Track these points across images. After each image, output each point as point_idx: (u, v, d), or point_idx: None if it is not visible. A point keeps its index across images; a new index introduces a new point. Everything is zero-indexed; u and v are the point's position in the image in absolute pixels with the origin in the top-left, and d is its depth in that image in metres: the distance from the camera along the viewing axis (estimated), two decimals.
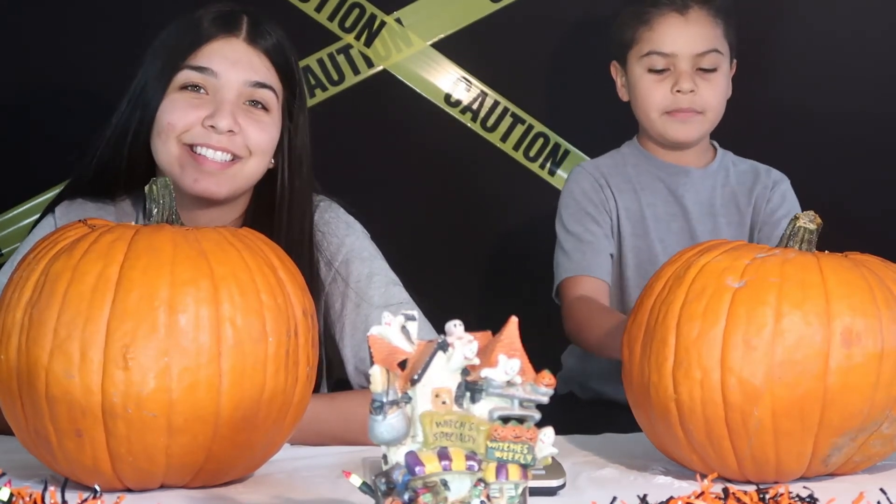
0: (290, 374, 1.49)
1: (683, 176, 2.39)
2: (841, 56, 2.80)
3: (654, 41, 2.34)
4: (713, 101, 2.34)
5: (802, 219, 1.64)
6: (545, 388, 1.18)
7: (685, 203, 2.38)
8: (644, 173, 2.40)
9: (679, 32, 2.34)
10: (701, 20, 2.35)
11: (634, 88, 2.37)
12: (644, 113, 2.37)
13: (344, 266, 1.94)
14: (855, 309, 1.54)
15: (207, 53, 1.88)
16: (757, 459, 1.55)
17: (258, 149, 1.88)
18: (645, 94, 2.35)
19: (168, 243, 1.47)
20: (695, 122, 2.35)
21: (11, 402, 1.47)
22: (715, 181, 2.40)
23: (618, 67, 2.43)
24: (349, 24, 2.76)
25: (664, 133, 2.36)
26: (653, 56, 2.34)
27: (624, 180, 2.39)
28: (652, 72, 2.34)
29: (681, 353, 1.55)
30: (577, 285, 2.30)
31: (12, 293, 1.48)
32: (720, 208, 2.39)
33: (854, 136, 2.79)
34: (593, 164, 2.45)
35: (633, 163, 2.42)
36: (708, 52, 2.34)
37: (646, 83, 2.35)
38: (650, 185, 2.40)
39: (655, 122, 2.35)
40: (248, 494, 1.50)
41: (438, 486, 1.17)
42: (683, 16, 2.34)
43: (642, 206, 2.38)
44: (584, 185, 2.39)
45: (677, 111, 2.33)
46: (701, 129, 2.36)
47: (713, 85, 2.34)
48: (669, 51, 2.33)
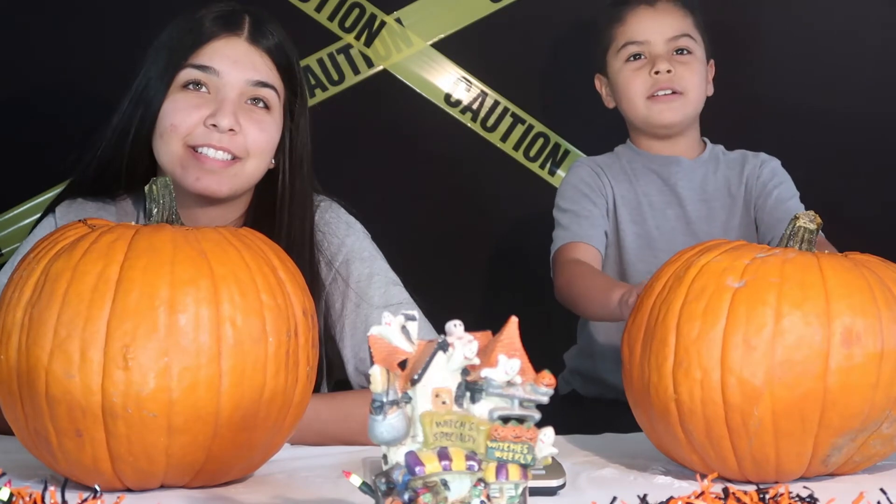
0: (290, 374, 1.49)
1: (675, 165, 2.44)
2: (840, 55, 2.80)
3: (628, 33, 2.43)
4: (692, 81, 2.40)
5: (802, 219, 1.64)
6: (545, 388, 1.18)
7: (678, 190, 2.43)
8: (638, 167, 2.46)
9: (650, 21, 2.43)
10: (669, 9, 2.45)
11: (616, 84, 2.45)
12: (628, 104, 2.43)
13: (344, 266, 1.94)
14: (855, 309, 1.54)
15: (209, 52, 1.88)
16: (757, 459, 1.55)
17: (257, 149, 1.88)
18: (626, 83, 2.42)
19: (168, 243, 1.47)
20: (677, 103, 2.40)
21: (11, 402, 1.47)
22: (706, 169, 2.45)
23: (601, 78, 2.51)
24: (349, 24, 2.76)
25: (649, 118, 2.42)
26: (628, 46, 2.42)
27: (619, 171, 2.46)
28: (630, 61, 2.42)
29: (681, 353, 1.55)
30: (572, 250, 2.35)
31: (12, 293, 1.48)
32: (713, 192, 2.44)
33: (854, 135, 2.79)
34: (590, 159, 2.51)
35: (628, 159, 2.48)
36: (680, 36, 2.42)
37: (626, 73, 2.42)
38: (644, 175, 2.45)
39: (640, 109, 2.42)
40: (248, 494, 1.50)
41: (438, 486, 1.17)
42: (653, 7, 2.44)
43: (638, 194, 2.43)
44: (581, 173, 2.45)
45: (659, 94, 2.39)
46: (684, 110, 2.41)
47: (690, 68, 2.41)
48: (643, 38, 2.41)
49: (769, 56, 2.80)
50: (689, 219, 2.42)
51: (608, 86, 2.49)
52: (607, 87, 2.49)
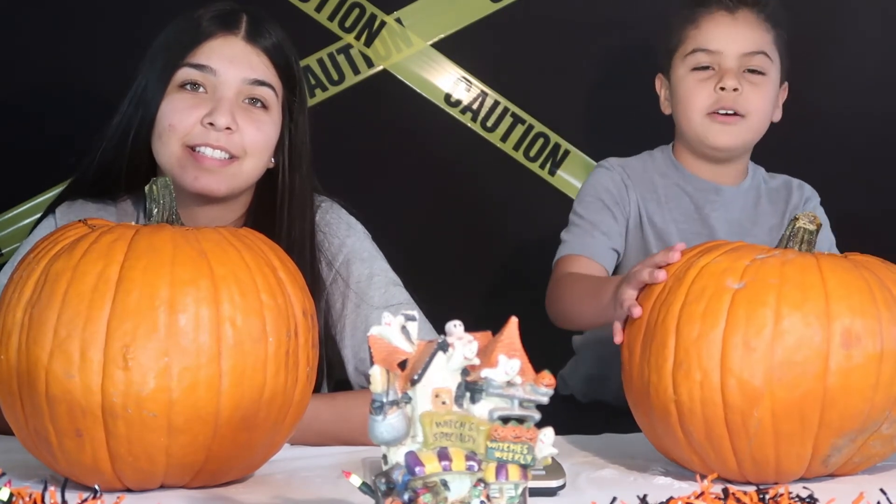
0: (290, 375, 1.49)
1: (713, 194, 2.26)
2: (841, 56, 2.79)
3: (700, 39, 2.22)
4: (758, 104, 2.20)
5: (802, 220, 1.64)
6: (545, 389, 1.18)
7: (711, 223, 2.25)
8: (671, 185, 2.28)
9: (726, 30, 2.21)
10: (750, 21, 2.23)
11: (677, 91, 2.24)
12: (685, 115, 2.22)
13: (345, 266, 1.94)
14: (855, 310, 1.54)
15: (206, 51, 1.88)
16: (757, 460, 1.55)
17: (255, 148, 1.88)
18: (687, 94, 2.21)
19: (168, 243, 1.47)
20: (737, 126, 2.20)
21: (11, 402, 1.47)
22: (746, 200, 2.28)
23: (662, 79, 2.30)
24: (349, 24, 2.76)
25: (705, 137, 2.21)
26: (698, 53, 2.21)
27: (649, 189, 2.27)
28: (696, 70, 2.21)
29: (680, 354, 1.55)
30: (572, 263, 2.18)
31: (12, 293, 1.48)
32: (749, 228, 2.26)
33: (854, 136, 2.79)
34: (620, 163, 2.30)
35: (662, 171, 2.29)
36: (756, 54, 2.21)
37: (689, 83, 2.21)
38: (675, 198, 2.27)
39: (697, 125, 2.21)
40: (248, 494, 1.50)
41: (438, 486, 1.17)
42: (732, 14, 2.22)
43: (666, 220, 2.25)
44: (606, 181, 2.26)
45: (720, 113, 2.19)
46: (743, 135, 2.22)
47: (759, 89, 2.21)
48: (715, 48, 2.20)
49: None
50: None
51: (668, 89, 2.28)
52: (667, 90, 2.28)
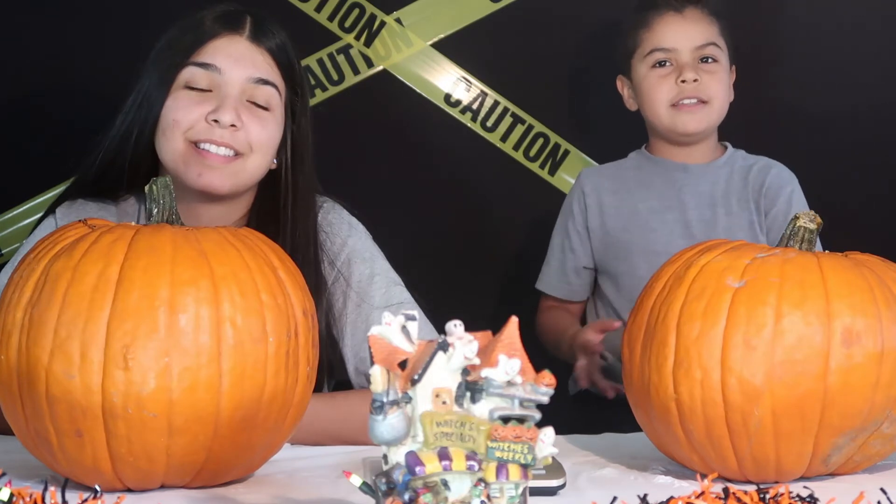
0: (290, 375, 1.49)
1: (681, 172, 2.47)
2: (841, 55, 2.80)
3: (655, 40, 2.44)
4: (717, 90, 2.42)
5: (802, 218, 1.64)
6: (545, 388, 1.18)
7: (682, 196, 2.45)
8: (644, 174, 2.48)
9: (678, 28, 2.43)
10: (697, 17, 2.45)
11: (640, 89, 2.45)
12: (652, 110, 2.44)
13: (346, 266, 1.94)
14: (855, 309, 1.54)
15: (211, 51, 1.88)
16: (757, 459, 1.55)
17: (259, 145, 1.88)
18: (651, 90, 2.43)
19: (168, 243, 1.47)
20: (701, 112, 2.42)
21: (11, 402, 1.47)
22: (717, 176, 2.46)
23: (623, 80, 2.52)
24: (349, 24, 2.76)
25: (673, 126, 2.43)
26: (655, 53, 2.43)
27: (620, 182, 2.49)
28: (656, 67, 2.43)
29: (681, 353, 1.55)
30: (545, 302, 2.57)
31: (12, 293, 1.48)
32: (719, 199, 2.44)
33: (854, 135, 2.79)
34: (587, 172, 2.55)
35: (635, 166, 2.50)
36: (707, 45, 2.43)
37: (651, 80, 2.43)
38: (647, 181, 2.47)
39: (664, 116, 2.43)
40: (248, 494, 1.50)
41: (439, 486, 1.17)
42: (681, 13, 2.44)
43: (635, 200, 2.46)
44: (569, 200, 2.53)
45: (684, 103, 2.41)
46: (708, 119, 2.43)
47: (715, 76, 2.42)
48: (670, 45, 2.43)
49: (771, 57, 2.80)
50: (689, 223, 2.43)
51: (631, 88, 2.50)
52: (630, 89, 2.50)
